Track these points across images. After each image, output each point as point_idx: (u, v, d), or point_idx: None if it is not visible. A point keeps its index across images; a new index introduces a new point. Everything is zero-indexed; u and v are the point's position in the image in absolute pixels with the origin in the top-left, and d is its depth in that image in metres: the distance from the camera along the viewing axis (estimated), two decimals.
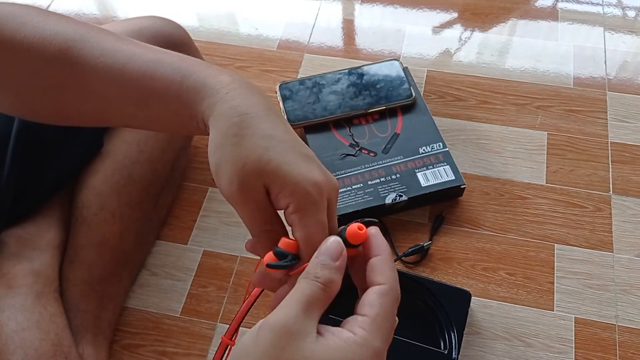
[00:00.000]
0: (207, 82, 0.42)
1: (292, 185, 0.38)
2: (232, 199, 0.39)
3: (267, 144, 0.39)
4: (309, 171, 0.39)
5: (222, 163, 0.39)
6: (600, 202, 0.82)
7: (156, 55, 0.45)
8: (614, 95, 0.93)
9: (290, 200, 0.38)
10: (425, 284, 0.71)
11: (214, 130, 0.40)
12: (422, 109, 0.88)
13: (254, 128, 0.39)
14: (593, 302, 0.74)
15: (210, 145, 0.40)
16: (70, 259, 0.70)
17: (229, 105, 0.40)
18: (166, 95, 0.43)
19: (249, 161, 0.38)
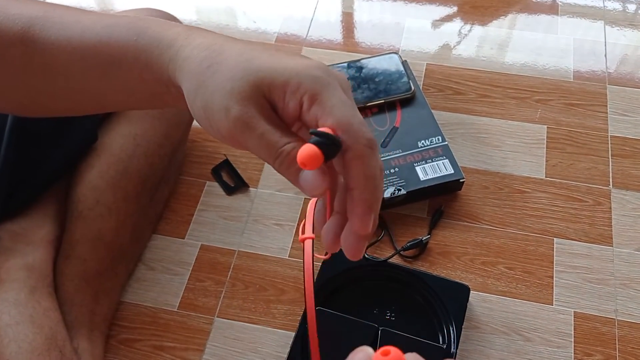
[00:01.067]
0: (162, 36, 0.37)
1: (295, 77, 0.32)
2: (237, 130, 0.32)
3: (248, 57, 0.34)
4: (305, 61, 0.34)
5: (208, 99, 0.33)
6: (600, 196, 0.82)
7: (112, 20, 0.40)
8: (614, 89, 0.92)
9: (302, 92, 0.32)
10: (424, 278, 0.71)
11: (186, 77, 0.35)
12: (421, 103, 0.87)
13: (226, 52, 0.34)
14: (592, 296, 0.74)
15: (188, 95, 0.35)
16: (66, 254, 0.69)
17: (191, 47, 0.36)
18: (124, 58, 0.38)
19: (236, 79, 0.33)
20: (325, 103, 0.32)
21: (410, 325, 0.68)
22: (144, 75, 0.38)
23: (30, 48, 0.42)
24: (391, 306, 0.70)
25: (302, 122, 0.34)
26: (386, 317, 0.69)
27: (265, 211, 0.82)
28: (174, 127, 0.76)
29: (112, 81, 0.40)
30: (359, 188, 0.32)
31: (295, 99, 0.33)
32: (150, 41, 0.38)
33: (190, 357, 0.71)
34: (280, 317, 0.73)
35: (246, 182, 0.84)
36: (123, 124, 0.72)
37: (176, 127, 0.77)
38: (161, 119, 0.74)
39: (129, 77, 0.39)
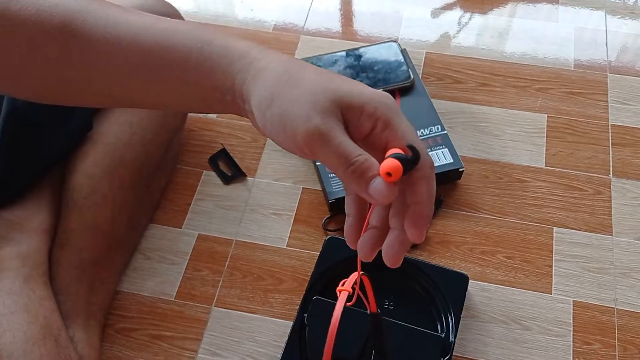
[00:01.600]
0: (232, 46, 0.40)
1: (371, 102, 0.36)
2: (315, 137, 0.35)
3: (327, 78, 0.37)
4: (376, 90, 0.38)
5: (288, 107, 0.36)
6: (600, 185, 0.81)
7: (170, 24, 0.42)
8: (614, 78, 0.92)
9: (377, 117, 0.36)
10: (423, 267, 0.70)
11: (262, 86, 0.38)
12: (421, 92, 0.87)
13: (305, 70, 0.38)
14: (592, 285, 0.73)
15: (261, 102, 0.37)
16: (61, 243, 0.69)
17: (268, 59, 0.39)
18: (184, 63, 0.40)
19: (318, 93, 0.36)
20: (398, 128, 0.36)
21: (409, 315, 0.67)
22: (202, 81, 0.40)
23: (69, 42, 0.42)
24: (389, 295, 0.69)
25: (368, 142, 0.37)
26: (384, 306, 0.69)
27: (263, 200, 0.82)
28: (170, 116, 0.75)
29: (161, 83, 0.42)
30: (422, 203, 0.36)
31: (370, 121, 0.36)
32: (218, 50, 0.40)
33: (187, 346, 0.71)
34: (278, 307, 0.73)
35: (244, 172, 0.84)
36: (119, 112, 0.71)
37: (173, 116, 0.76)
38: None
39: (183, 81, 0.41)
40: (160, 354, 0.70)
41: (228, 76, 0.39)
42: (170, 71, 0.41)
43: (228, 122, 0.89)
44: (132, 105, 0.49)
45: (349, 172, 0.35)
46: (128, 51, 0.42)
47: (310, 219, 0.80)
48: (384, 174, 0.34)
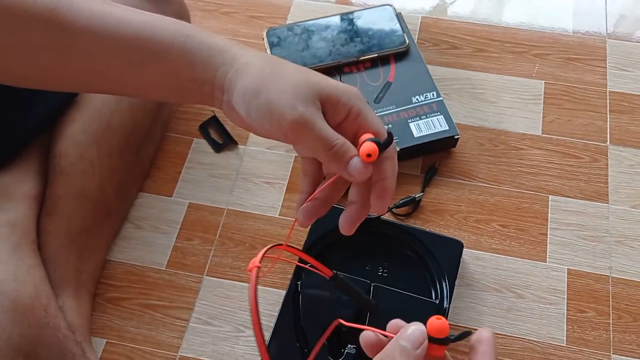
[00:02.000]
0: (213, 42, 0.43)
1: (345, 94, 0.42)
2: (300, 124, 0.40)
3: (306, 72, 0.42)
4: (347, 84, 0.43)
5: (274, 98, 0.40)
6: (596, 152, 0.80)
7: (153, 17, 0.45)
8: (613, 43, 0.90)
9: (351, 106, 0.41)
10: (417, 234, 0.70)
11: (246, 78, 0.41)
12: (416, 57, 0.85)
13: (285, 65, 0.43)
14: (587, 253, 0.73)
15: (246, 93, 0.41)
16: (49, 210, 0.67)
17: (250, 55, 0.43)
18: (166, 55, 0.43)
19: (300, 84, 0.40)
20: (367, 116, 0.42)
21: (403, 281, 0.67)
22: (181, 72, 0.43)
23: (52, 28, 0.43)
24: (384, 262, 0.69)
25: (340, 129, 0.42)
26: (378, 274, 0.68)
27: (254, 169, 0.80)
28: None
29: (140, 73, 0.45)
30: (388, 179, 0.43)
31: (345, 110, 0.41)
32: (200, 44, 0.43)
33: (179, 315, 0.70)
34: (270, 276, 0.72)
35: (235, 139, 0.82)
36: None
37: None
38: None
39: (163, 71, 0.44)
40: (151, 323, 0.70)
41: (209, 69, 0.43)
42: (151, 62, 0.44)
43: None
44: (109, 92, 0.51)
45: (331, 153, 0.40)
46: (111, 41, 0.43)
47: None
48: (364, 155, 0.40)
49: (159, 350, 0.68)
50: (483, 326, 0.68)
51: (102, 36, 0.43)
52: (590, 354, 0.66)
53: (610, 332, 0.68)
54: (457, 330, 0.68)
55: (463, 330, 0.38)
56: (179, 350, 0.68)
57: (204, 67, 0.43)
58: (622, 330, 0.68)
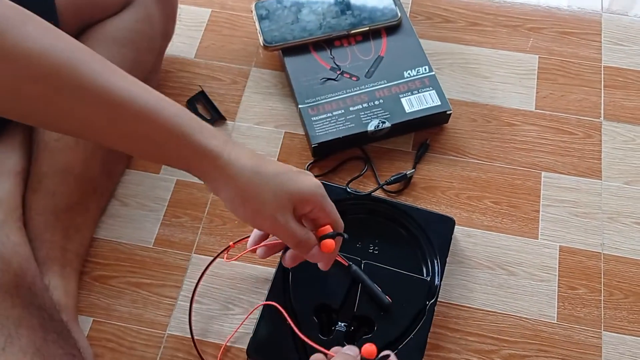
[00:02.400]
0: (206, 145, 0.49)
1: (313, 195, 0.52)
2: (277, 228, 0.51)
3: (281, 179, 0.51)
4: (310, 180, 0.53)
5: (260, 207, 0.50)
6: (590, 128, 0.79)
7: (156, 99, 0.48)
8: (609, 17, 0.88)
9: (313, 205, 0.52)
10: (408, 211, 0.69)
11: (231, 189, 0.50)
12: (408, 31, 0.83)
13: (268, 167, 0.51)
14: (579, 230, 0.72)
15: (233, 200, 0.51)
16: (33, 187, 0.66)
17: (239, 166, 0.50)
18: (163, 144, 0.48)
19: (281, 195, 0.50)
20: (325, 209, 0.54)
21: (394, 259, 0.66)
22: (172, 160, 0.51)
23: (52, 91, 0.44)
24: (374, 240, 0.68)
25: (305, 217, 0.54)
26: (369, 251, 0.67)
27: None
28: (144, 53, 0.71)
29: (133, 146, 0.50)
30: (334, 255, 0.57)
31: (310, 206, 0.53)
32: (193, 145, 0.48)
33: (167, 293, 0.69)
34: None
35: (223, 115, 0.80)
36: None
37: (146, 53, 0.72)
38: (130, 46, 0.69)
39: (156, 154, 0.51)
40: (138, 301, 0.69)
41: (199, 169, 0.50)
42: (146, 141, 0.49)
43: (206, 62, 0.85)
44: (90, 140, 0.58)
45: (298, 246, 0.53)
46: (112, 109, 0.46)
47: (293, 164, 0.76)
48: (325, 249, 0.53)
49: (146, 329, 0.67)
50: (474, 303, 0.68)
51: (101, 108, 0.46)
52: (581, 331, 0.66)
53: (601, 309, 0.67)
54: (448, 307, 0.67)
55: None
56: (167, 328, 0.67)
57: (194, 167, 0.50)
58: (614, 307, 0.68)
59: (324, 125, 0.75)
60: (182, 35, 0.87)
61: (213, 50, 0.86)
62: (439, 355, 0.65)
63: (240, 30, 0.88)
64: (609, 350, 0.65)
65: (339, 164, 0.76)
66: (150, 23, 0.72)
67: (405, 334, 0.61)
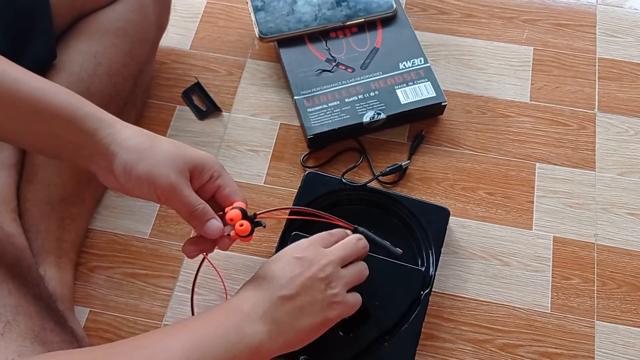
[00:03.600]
0: (100, 116, 0.51)
1: (209, 162, 0.53)
2: (170, 190, 0.50)
3: (177, 145, 0.52)
4: (206, 152, 0.53)
5: (153, 167, 0.49)
6: (584, 120, 0.79)
7: (49, 84, 0.51)
8: (604, 9, 0.88)
9: (212, 171, 0.53)
10: (403, 202, 0.69)
11: (127, 150, 0.49)
12: (404, 22, 0.83)
13: (160, 140, 0.52)
14: (573, 221, 0.73)
15: (127, 162, 0.49)
16: (28, 178, 0.66)
17: (131, 131, 0.51)
18: (54, 119, 0.49)
19: (173, 157, 0.50)
20: (225, 178, 0.54)
21: None
22: (65, 136, 0.50)
23: None
24: (370, 230, 0.68)
25: (203, 189, 0.53)
26: None
27: (239, 136, 0.79)
28: (138, 45, 0.71)
29: (25, 128, 0.51)
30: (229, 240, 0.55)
31: (208, 174, 0.53)
32: (86, 116, 0.50)
33: (163, 284, 0.69)
34: (255, 244, 0.71)
35: (219, 106, 0.80)
36: (82, 41, 0.67)
37: (140, 45, 0.72)
38: (124, 37, 0.69)
39: (48, 132, 0.50)
40: (135, 292, 0.69)
41: (94, 138, 0.50)
42: (40, 123, 0.50)
43: (202, 54, 0.85)
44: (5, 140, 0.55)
45: (192, 216, 0.51)
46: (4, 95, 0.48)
47: (288, 156, 0.77)
48: (229, 219, 0.53)
49: (143, 319, 0.67)
50: (469, 293, 0.68)
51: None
52: (574, 321, 0.67)
53: (594, 298, 0.68)
54: (442, 297, 0.68)
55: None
56: (163, 319, 0.67)
57: (88, 136, 0.50)
58: (606, 297, 0.68)
59: (319, 116, 0.76)
60: (177, 27, 0.86)
61: (208, 42, 0.86)
62: (433, 344, 0.65)
63: (235, 22, 0.88)
64: (602, 340, 0.66)
65: (334, 155, 0.77)
66: (143, 13, 0.72)
67: (399, 323, 0.62)
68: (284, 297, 0.51)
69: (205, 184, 0.53)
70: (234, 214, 0.53)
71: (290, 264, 0.53)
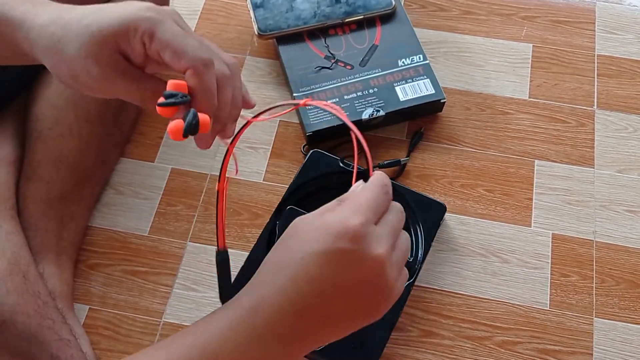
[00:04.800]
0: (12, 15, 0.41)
1: (131, 22, 0.38)
2: (104, 86, 0.39)
3: (89, 21, 0.39)
4: (135, 5, 0.39)
5: (72, 68, 0.39)
6: (583, 117, 0.79)
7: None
8: (603, 6, 0.88)
9: (141, 33, 0.38)
10: (402, 191, 0.69)
11: (43, 53, 0.40)
12: (402, 19, 0.83)
13: (70, 23, 0.39)
14: (571, 218, 0.73)
15: (52, 67, 0.40)
16: (27, 175, 0.66)
17: (39, 27, 0.40)
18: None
19: (85, 44, 0.38)
20: (161, 38, 0.38)
21: None
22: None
23: None
24: None
25: (150, 58, 0.40)
26: None
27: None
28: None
29: None
30: (199, 99, 0.40)
31: (138, 41, 0.38)
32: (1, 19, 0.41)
33: (162, 281, 0.69)
34: (254, 241, 0.71)
35: None
36: None
37: None
38: None
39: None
40: (134, 289, 0.69)
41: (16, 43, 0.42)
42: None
43: None
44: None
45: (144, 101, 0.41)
46: None
47: (288, 153, 0.77)
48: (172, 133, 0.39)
49: (142, 317, 0.67)
50: (468, 290, 0.68)
51: None
52: (573, 317, 0.67)
53: (593, 295, 0.68)
54: (441, 294, 0.68)
55: None
56: (162, 316, 0.67)
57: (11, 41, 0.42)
58: (605, 294, 0.68)
59: (318, 113, 0.76)
60: None
61: (207, 38, 0.86)
62: (432, 341, 0.66)
63: (234, 19, 0.88)
64: (600, 337, 0.66)
65: (335, 145, 0.76)
66: None
67: None
68: None
69: (145, 52, 0.39)
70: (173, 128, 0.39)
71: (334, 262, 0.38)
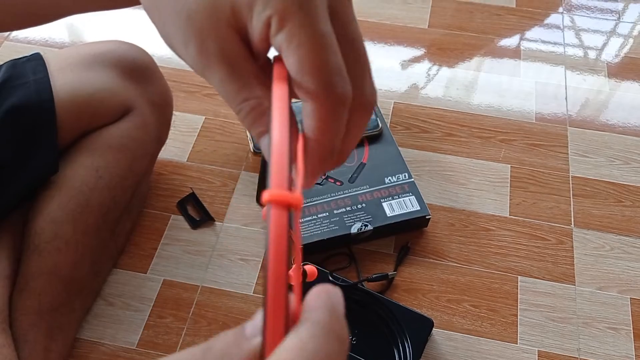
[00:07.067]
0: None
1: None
2: (199, 69, 0.27)
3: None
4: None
5: (168, 28, 0.27)
6: (562, 235, 0.83)
7: None
8: (574, 131, 0.95)
9: (270, 11, 0.24)
10: (390, 307, 0.70)
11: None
12: (389, 140, 0.88)
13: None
14: (556, 335, 0.74)
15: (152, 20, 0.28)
16: (20, 287, 0.67)
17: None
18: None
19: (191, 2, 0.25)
20: (294, 31, 0.24)
21: (370, 352, 0.67)
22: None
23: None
24: (354, 330, 0.69)
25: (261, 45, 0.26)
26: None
27: (230, 246, 0.81)
28: (138, 160, 0.75)
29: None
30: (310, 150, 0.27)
31: (261, 20, 0.24)
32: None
33: None
34: None
35: (212, 216, 0.83)
36: (85, 155, 0.70)
37: (141, 160, 0.75)
38: (125, 152, 0.73)
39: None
40: None
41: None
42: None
43: (198, 166, 0.89)
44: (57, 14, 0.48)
45: (239, 118, 0.27)
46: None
47: None
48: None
49: None
50: None
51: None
52: None
53: None
54: None
55: None
56: None
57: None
58: None
59: (309, 227, 0.79)
60: (176, 140, 0.91)
61: (205, 154, 0.91)
62: None
63: (231, 136, 0.93)
64: None
65: (325, 257, 0.79)
66: (145, 130, 0.75)
67: None
68: None
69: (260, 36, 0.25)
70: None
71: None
